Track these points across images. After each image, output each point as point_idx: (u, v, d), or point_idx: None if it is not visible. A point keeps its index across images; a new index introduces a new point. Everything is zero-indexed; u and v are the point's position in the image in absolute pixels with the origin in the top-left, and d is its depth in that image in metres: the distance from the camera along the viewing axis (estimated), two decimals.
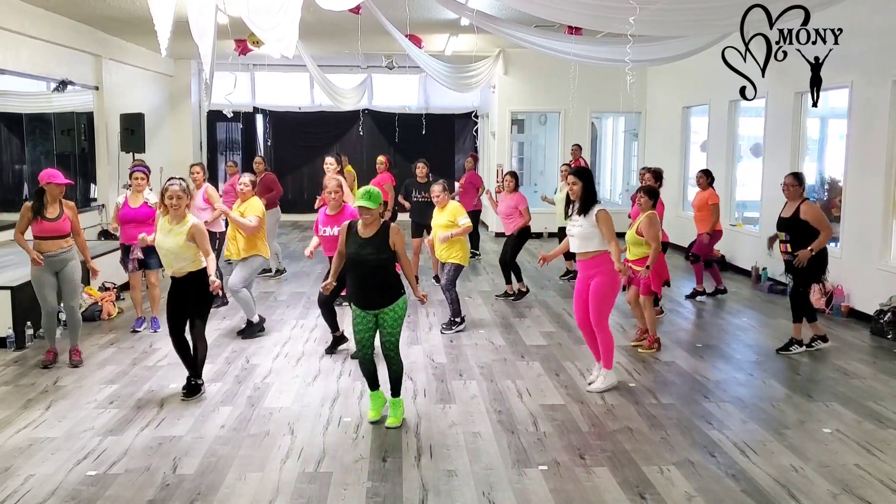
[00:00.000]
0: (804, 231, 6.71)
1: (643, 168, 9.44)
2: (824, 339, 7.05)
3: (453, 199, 8.15)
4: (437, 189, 7.67)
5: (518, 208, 8.91)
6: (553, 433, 5.04)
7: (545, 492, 4.20)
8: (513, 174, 9.25)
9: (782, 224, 6.93)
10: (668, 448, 4.81)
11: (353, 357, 6.64)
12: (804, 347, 6.96)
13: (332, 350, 6.89)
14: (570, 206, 5.92)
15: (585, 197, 5.79)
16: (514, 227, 9.03)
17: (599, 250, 5.76)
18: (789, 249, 6.82)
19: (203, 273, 5.65)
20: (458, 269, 7.66)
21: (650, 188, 7.35)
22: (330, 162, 9.15)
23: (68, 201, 6.60)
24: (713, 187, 9.35)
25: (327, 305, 6.76)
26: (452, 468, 4.50)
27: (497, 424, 5.20)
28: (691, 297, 9.29)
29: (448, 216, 7.61)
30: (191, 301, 5.69)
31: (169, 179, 5.78)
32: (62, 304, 6.68)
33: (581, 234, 5.78)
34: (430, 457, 4.67)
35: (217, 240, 8.54)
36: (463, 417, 5.33)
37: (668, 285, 7.35)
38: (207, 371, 6.33)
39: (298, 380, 6.16)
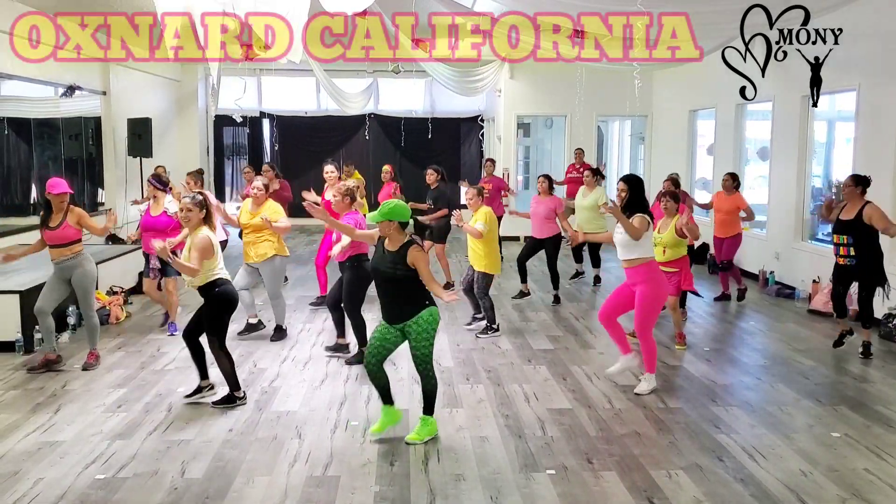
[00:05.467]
0: (867, 233, 6.68)
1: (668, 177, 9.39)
2: (850, 333, 7.10)
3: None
4: (470, 193, 7.67)
5: (557, 211, 8.94)
6: (561, 437, 5.04)
7: (553, 496, 4.20)
8: (546, 177, 9.25)
9: (843, 227, 6.78)
10: (677, 452, 4.80)
11: (347, 363, 6.71)
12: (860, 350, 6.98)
13: (353, 360, 6.77)
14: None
15: (630, 205, 5.83)
16: (550, 232, 9.03)
17: (644, 258, 5.82)
18: (852, 253, 6.74)
19: (209, 288, 5.55)
20: (486, 277, 7.60)
21: (674, 193, 7.45)
22: (329, 170, 9.10)
23: (76, 208, 6.64)
24: (739, 191, 9.35)
25: (356, 316, 6.71)
26: (460, 472, 4.50)
27: (504, 429, 5.19)
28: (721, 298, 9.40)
29: (480, 219, 7.61)
30: (204, 315, 5.66)
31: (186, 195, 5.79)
32: (79, 309, 6.73)
33: (621, 241, 5.84)
34: (438, 461, 4.67)
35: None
36: (470, 422, 5.33)
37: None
38: (216, 374, 6.34)
39: (305, 384, 6.16)
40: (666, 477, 4.44)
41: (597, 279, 10.47)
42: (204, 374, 5.82)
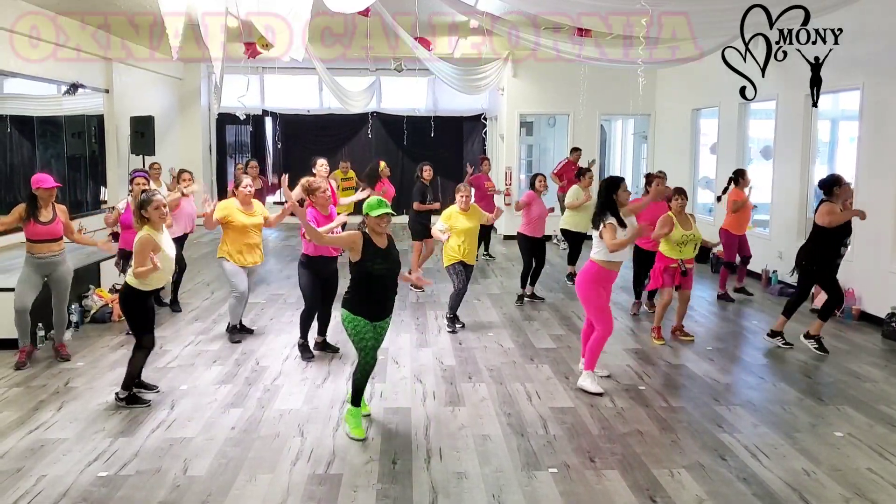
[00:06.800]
0: None
1: (648, 174, 9.41)
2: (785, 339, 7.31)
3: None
4: (466, 191, 7.73)
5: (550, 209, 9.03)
6: (563, 436, 5.03)
7: (555, 494, 4.20)
8: (543, 176, 9.26)
9: (850, 228, 7.02)
10: (679, 451, 4.79)
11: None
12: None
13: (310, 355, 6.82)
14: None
15: (604, 207, 5.89)
16: (544, 231, 9.08)
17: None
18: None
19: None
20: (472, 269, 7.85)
21: (683, 189, 7.56)
22: (322, 164, 9.06)
23: (60, 205, 6.65)
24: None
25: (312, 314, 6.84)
26: (462, 471, 4.50)
27: (507, 427, 5.19)
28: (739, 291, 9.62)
29: (479, 218, 7.78)
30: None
31: (147, 191, 5.72)
32: (52, 304, 6.69)
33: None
34: (440, 459, 4.66)
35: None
36: (472, 420, 5.33)
37: None
38: (218, 373, 6.36)
39: (308, 382, 6.16)
40: (668, 476, 4.43)
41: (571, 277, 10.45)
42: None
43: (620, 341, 7.25)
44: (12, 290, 7.07)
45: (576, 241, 10.33)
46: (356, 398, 5.11)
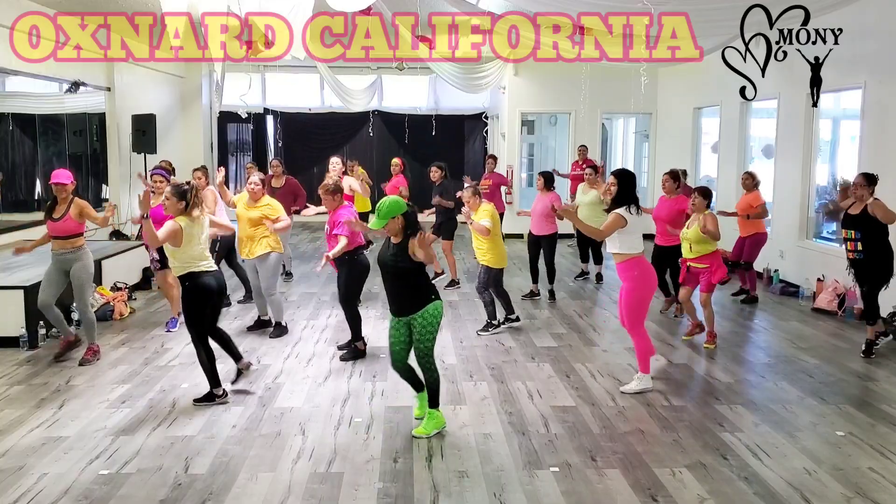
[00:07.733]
0: (874, 228, 6.69)
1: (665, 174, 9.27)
2: (885, 334, 7.09)
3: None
4: (466, 194, 7.67)
5: (554, 206, 8.84)
6: (564, 435, 5.03)
7: (556, 493, 4.20)
8: (543, 174, 9.23)
9: (851, 221, 6.81)
10: (680, 450, 4.79)
11: (342, 359, 6.73)
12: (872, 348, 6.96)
13: (347, 356, 6.77)
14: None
15: (617, 200, 5.79)
16: (548, 229, 9.02)
17: (628, 254, 5.79)
18: (859, 247, 6.75)
19: (184, 280, 5.52)
20: (488, 271, 7.62)
21: (705, 189, 7.45)
22: (335, 162, 9.18)
23: (80, 200, 6.67)
24: (758, 189, 9.28)
25: (352, 309, 6.79)
26: (463, 469, 4.50)
27: (508, 426, 5.19)
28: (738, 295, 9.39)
29: (485, 217, 7.68)
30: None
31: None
32: (73, 306, 6.74)
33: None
34: (441, 458, 4.67)
35: (216, 241, 8.58)
36: (474, 419, 5.33)
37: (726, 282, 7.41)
38: (219, 371, 6.33)
39: (309, 380, 6.17)
40: (670, 475, 4.43)
41: (599, 277, 10.46)
42: (237, 356, 6.03)
43: (621, 339, 7.25)
44: (13, 288, 7.12)
45: (582, 240, 10.37)
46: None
